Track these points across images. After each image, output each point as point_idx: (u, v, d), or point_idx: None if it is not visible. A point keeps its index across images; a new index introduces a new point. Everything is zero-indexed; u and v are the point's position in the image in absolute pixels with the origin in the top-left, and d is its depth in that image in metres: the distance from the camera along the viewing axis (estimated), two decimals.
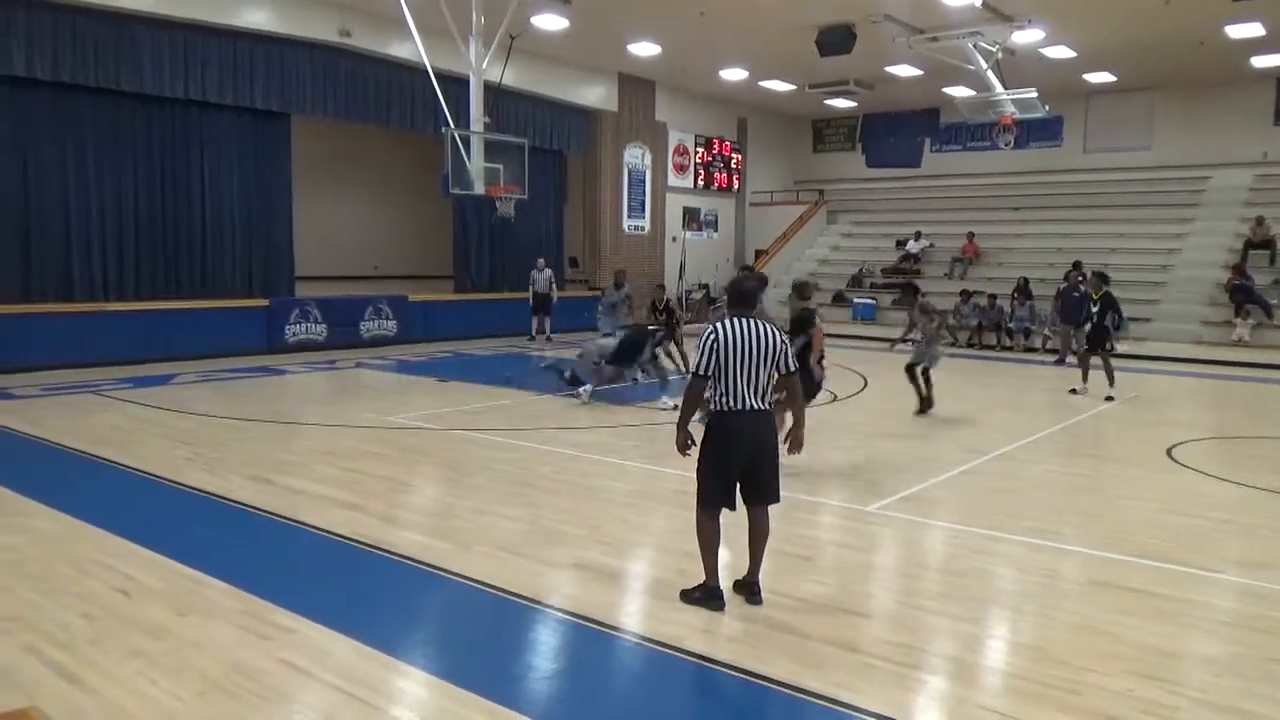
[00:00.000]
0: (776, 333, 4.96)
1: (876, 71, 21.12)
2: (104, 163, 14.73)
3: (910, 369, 11.13)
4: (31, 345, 13.28)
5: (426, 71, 15.43)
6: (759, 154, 27.71)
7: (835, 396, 12.41)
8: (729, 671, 4.22)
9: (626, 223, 23.42)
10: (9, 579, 5.21)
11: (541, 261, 19.79)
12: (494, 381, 13.34)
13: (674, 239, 24.78)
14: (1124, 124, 23.48)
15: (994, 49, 17.35)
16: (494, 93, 15.90)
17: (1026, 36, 17.44)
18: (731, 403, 4.85)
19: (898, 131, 27.12)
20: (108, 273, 14.97)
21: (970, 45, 17.10)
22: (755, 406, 4.87)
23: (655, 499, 7.36)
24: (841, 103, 25.45)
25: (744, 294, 5.08)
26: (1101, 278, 13.56)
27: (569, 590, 5.26)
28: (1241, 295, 18.01)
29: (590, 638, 4.66)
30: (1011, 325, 19.28)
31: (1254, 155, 21.93)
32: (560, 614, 4.91)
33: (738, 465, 4.90)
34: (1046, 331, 18.48)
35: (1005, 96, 18.38)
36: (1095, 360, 12.71)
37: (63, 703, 3.79)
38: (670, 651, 4.43)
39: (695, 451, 4.97)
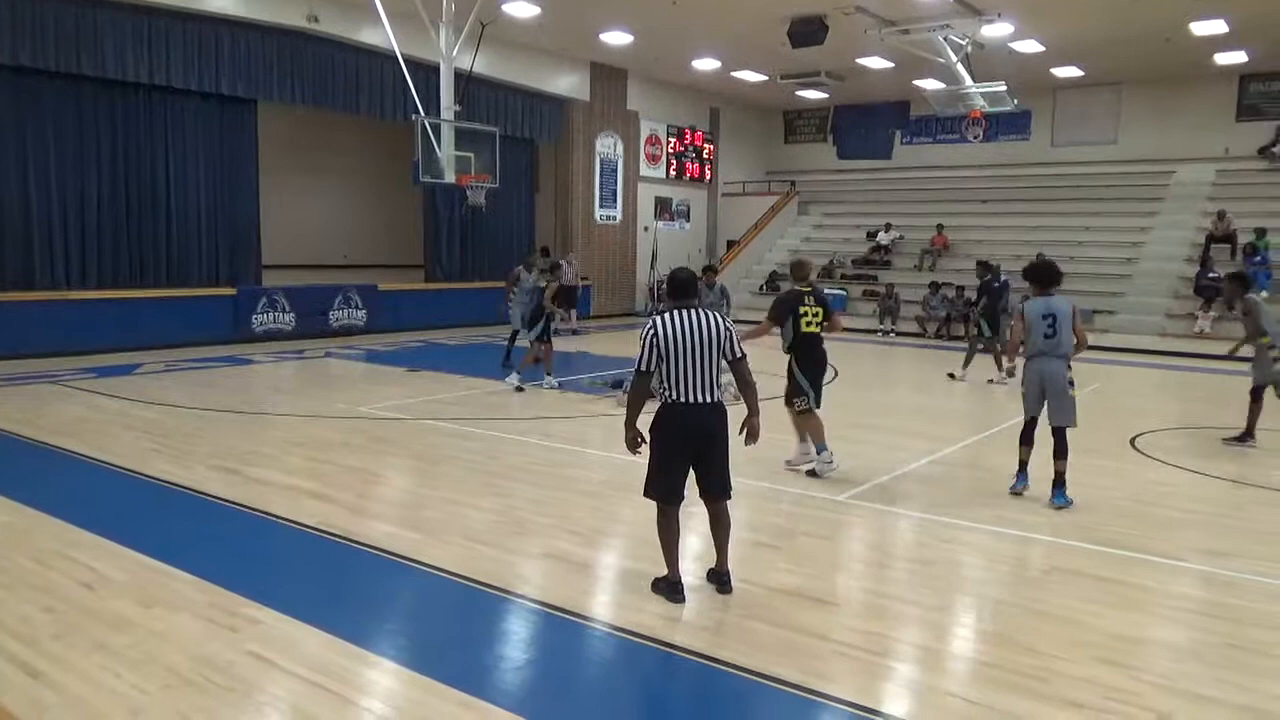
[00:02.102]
0: (719, 320, 4.88)
1: (848, 63, 21.20)
2: (65, 148, 14.42)
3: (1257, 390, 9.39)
4: None
5: (396, 58, 15.27)
6: (731, 144, 27.72)
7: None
8: (700, 660, 4.23)
9: (598, 212, 23.35)
10: None
11: (571, 256, 20.05)
12: (464, 372, 13.26)
13: (646, 229, 24.76)
14: (1091, 118, 23.75)
15: (964, 42, 17.47)
16: (465, 80, 15.77)
17: (996, 30, 17.57)
18: (679, 395, 4.78)
19: (868, 123, 27.26)
20: (69, 260, 14.68)
21: (940, 38, 17.20)
22: (704, 399, 4.80)
23: (625, 488, 7.35)
24: (813, 94, 25.51)
25: (681, 284, 4.98)
26: (985, 266, 14.01)
27: (539, 580, 5.25)
28: (1209, 291, 18.27)
29: (561, 628, 4.65)
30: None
31: (1217, 150, 22.29)
32: (531, 604, 4.90)
33: (686, 458, 4.87)
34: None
35: (974, 90, 18.52)
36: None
37: (25, 697, 3.73)
38: (641, 641, 4.44)
39: (646, 449, 4.94)
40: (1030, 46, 19.23)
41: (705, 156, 26.56)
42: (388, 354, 15.34)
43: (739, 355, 4.98)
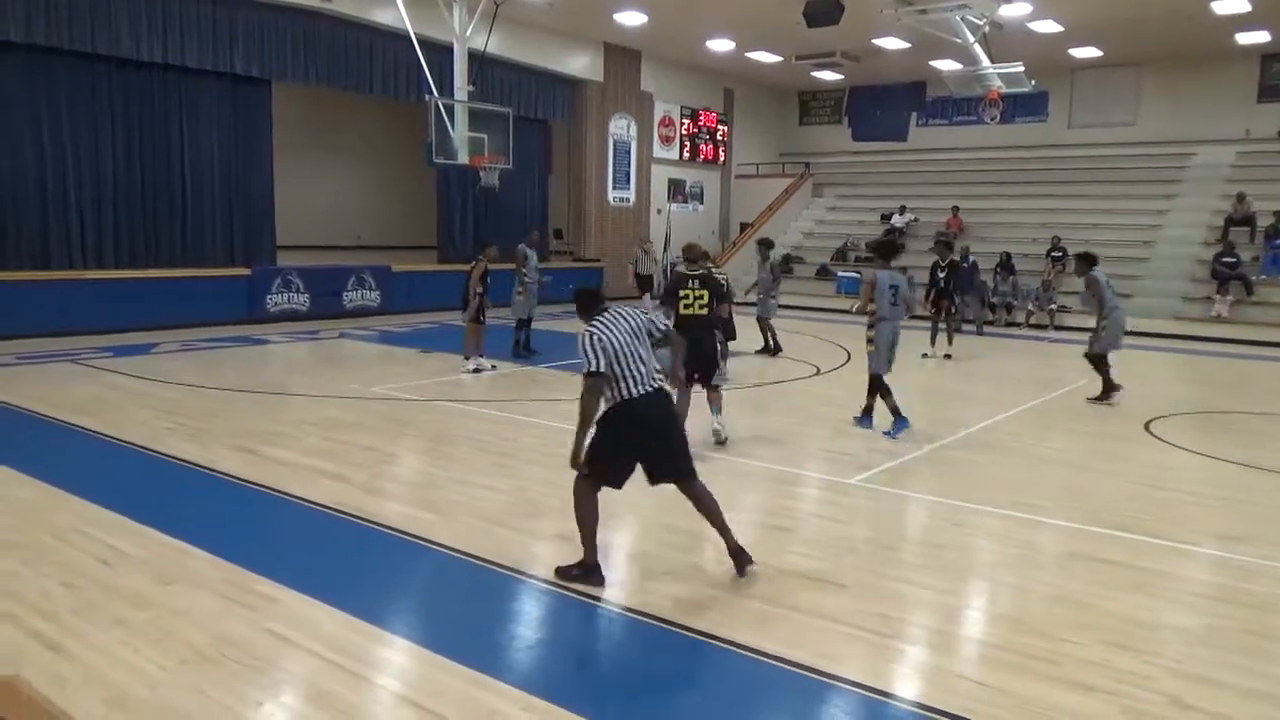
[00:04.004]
0: (634, 311, 5.00)
1: (864, 44, 21.03)
2: (80, 128, 14.47)
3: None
4: (8, 313, 13.10)
5: (410, 38, 15.24)
6: (745, 126, 27.57)
7: (818, 370, 12.47)
8: (710, 641, 4.26)
9: (611, 194, 23.30)
10: None
11: (648, 245, 19.90)
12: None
13: (659, 211, 24.68)
14: (1109, 99, 23.48)
15: (981, 22, 17.29)
16: (478, 61, 15.74)
17: (1014, 10, 17.39)
18: (631, 392, 4.79)
19: (884, 105, 27.03)
20: (85, 240, 14.77)
21: (958, 18, 17.03)
22: (649, 389, 4.85)
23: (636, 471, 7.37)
24: (828, 75, 25.34)
25: (593, 296, 5.08)
26: (947, 247, 14.31)
27: (552, 560, 5.27)
28: (1225, 272, 18.12)
29: (572, 608, 4.68)
30: (994, 300, 19.38)
31: (1237, 132, 22.00)
32: (542, 584, 4.93)
33: (637, 452, 4.90)
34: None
35: (992, 71, 18.35)
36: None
37: (46, 671, 3.78)
38: (651, 622, 4.46)
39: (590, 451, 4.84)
40: (1048, 27, 19.02)
41: (719, 138, 26.43)
42: (401, 335, 15.39)
43: (665, 331, 5.14)
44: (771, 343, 13.62)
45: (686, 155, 25.48)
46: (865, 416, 8.80)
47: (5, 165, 13.74)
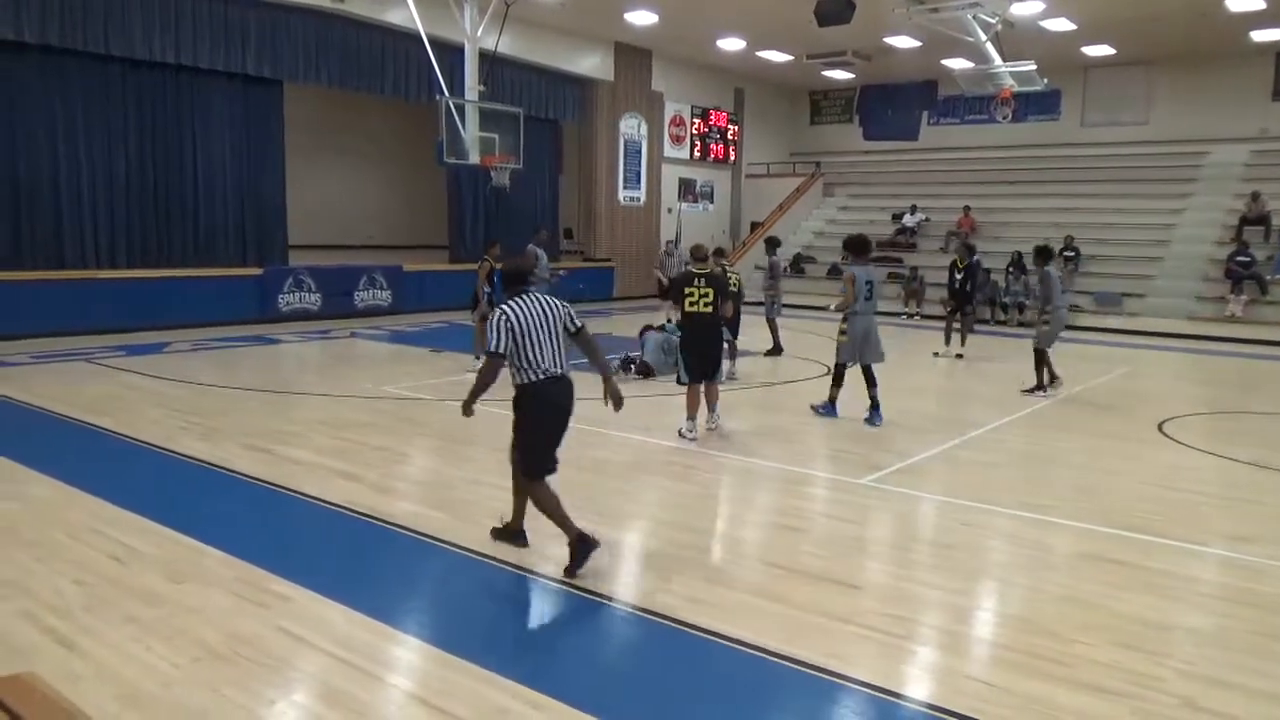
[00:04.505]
0: (554, 300, 5.17)
1: (875, 42, 20.96)
2: (94, 128, 14.57)
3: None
4: (22, 313, 13.21)
5: (421, 39, 15.27)
6: (756, 126, 27.53)
7: (828, 370, 12.44)
8: (720, 641, 4.26)
9: (622, 194, 23.31)
10: (4, 545, 5.22)
11: (680, 247, 18.87)
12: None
13: (670, 210, 24.68)
14: (1122, 98, 23.36)
15: (993, 21, 17.21)
16: (489, 61, 15.76)
17: (1026, 8, 17.31)
18: (539, 374, 4.99)
19: (895, 104, 26.95)
20: (99, 240, 14.87)
21: (969, 16, 16.94)
22: (560, 372, 5.06)
23: (648, 470, 7.40)
24: (839, 74, 25.28)
25: (518, 273, 5.31)
26: (968, 249, 14.26)
27: (563, 560, 5.28)
28: (1239, 271, 18.01)
29: (584, 607, 4.69)
30: (1006, 300, 19.32)
31: (1252, 130, 21.84)
32: (554, 584, 4.94)
33: (559, 430, 5.14)
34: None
35: (1004, 69, 18.25)
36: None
37: (59, 668, 3.81)
38: (662, 621, 4.47)
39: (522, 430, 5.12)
40: (1061, 25, 18.93)
41: (730, 138, 26.41)
42: (412, 334, 15.44)
43: (579, 326, 5.27)
44: (774, 342, 13.64)
45: (697, 154, 25.47)
46: (830, 405, 9.27)
47: (20, 166, 13.84)
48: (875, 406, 8.94)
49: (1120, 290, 19.21)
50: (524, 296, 5.09)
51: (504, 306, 5.03)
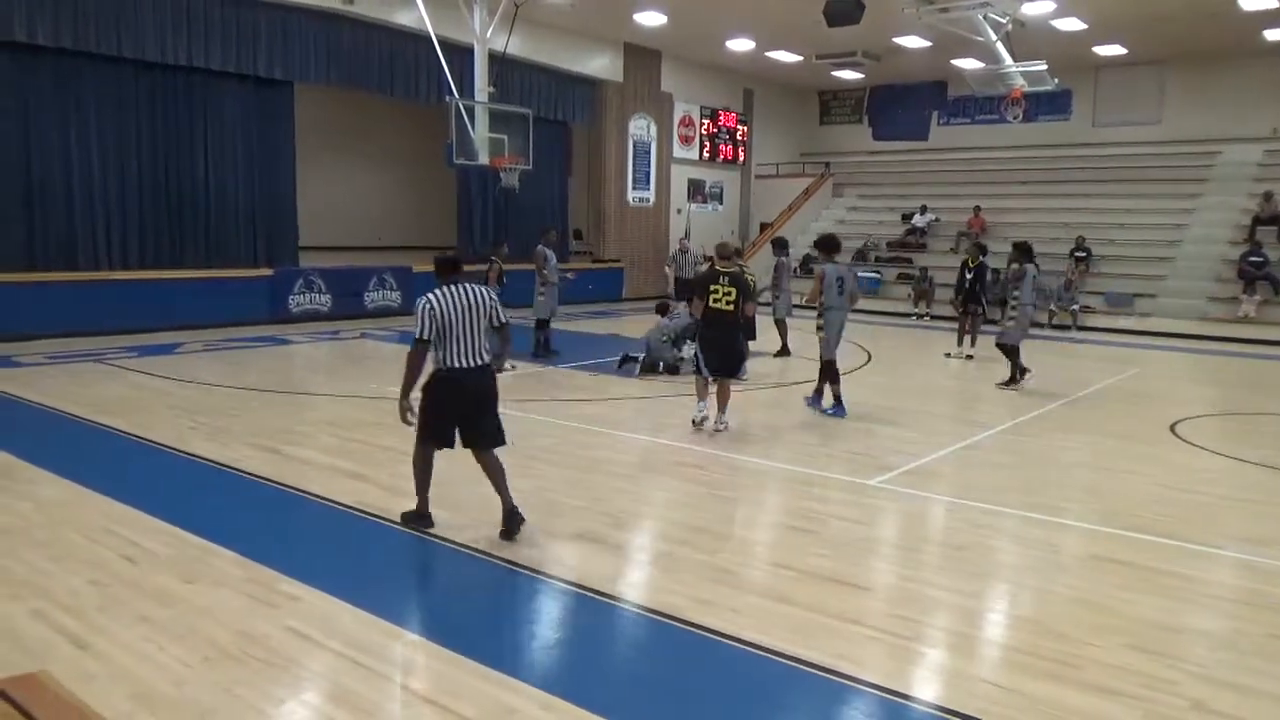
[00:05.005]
0: (483, 291, 5.49)
1: (884, 42, 20.92)
2: (107, 131, 14.65)
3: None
4: (36, 313, 13.29)
5: (430, 40, 15.32)
6: (765, 126, 27.50)
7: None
8: (730, 642, 4.26)
9: (631, 194, 23.31)
10: (18, 546, 5.25)
11: (696, 246, 18.84)
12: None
13: (679, 211, 24.67)
14: (1134, 98, 23.24)
15: (1004, 20, 17.15)
16: (498, 62, 15.79)
17: (1037, 8, 17.24)
18: (453, 362, 5.32)
19: (905, 104, 26.87)
20: (111, 241, 14.94)
21: (980, 16, 16.89)
22: (474, 364, 5.36)
23: (654, 470, 7.40)
24: (848, 74, 25.22)
25: (450, 264, 5.56)
26: (979, 248, 14.22)
27: (570, 560, 5.29)
28: (1252, 272, 17.92)
29: (591, 608, 4.69)
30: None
31: (1265, 130, 21.71)
32: (561, 584, 4.94)
33: (455, 416, 5.44)
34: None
35: (1014, 69, 18.18)
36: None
37: (72, 667, 3.84)
38: (671, 622, 4.47)
39: (416, 420, 5.49)
40: (1072, 24, 18.85)
41: (739, 138, 26.38)
42: None
43: (503, 321, 5.63)
44: (783, 344, 13.60)
45: (706, 155, 25.45)
46: (816, 396, 9.57)
47: (34, 167, 13.91)
48: (834, 398, 9.44)
49: (1132, 291, 19.13)
50: (453, 287, 5.36)
51: (430, 295, 5.30)
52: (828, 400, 9.46)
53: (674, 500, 6.63)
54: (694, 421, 8.53)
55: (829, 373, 9.40)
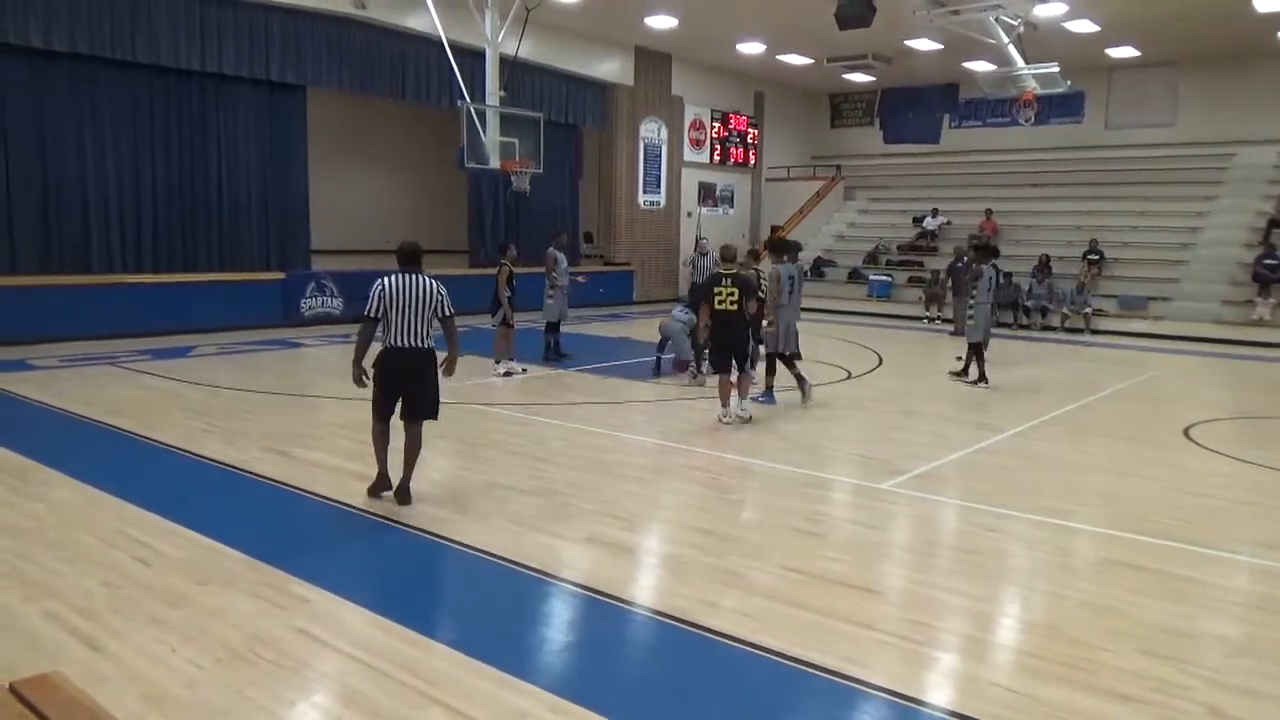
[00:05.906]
0: (435, 284, 6.09)
1: (895, 45, 20.87)
2: (121, 135, 14.75)
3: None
4: (50, 316, 13.37)
5: (442, 44, 15.37)
6: (776, 129, 27.47)
7: (849, 374, 12.40)
8: (740, 646, 4.25)
9: (642, 198, 23.32)
10: (31, 547, 5.29)
11: (705, 241, 18.45)
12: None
13: (689, 214, 24.67)
14: (1147, 100, 23.11)
15: (1016, 22, 17.11)
16: (509, 66, 15.81)
17: (1049, 10, 17.18)
18: (395, 341, 6.00)
19: (916, 107, 26.78)
20: (125, 245, 15.03)
21: (991, 19, 16.85)
22: (414, 345, 6.01)
23: (665, 473, 7.40)
24: (860, 77, 25.18)
25: (409, 254, 6.19)
26: (988, 251, 14.10)
27: (581, 564, 5.29)
28: (1266, 274, 17.80)
29: (601, 610, 4.69)
30: (1029, 303, 19.18)
31: (1279, 132, 21.57)
32: (572, 587, 4.94)
33: (396, 389, 6.10)
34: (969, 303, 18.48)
35: (1026, 71, 18.13)
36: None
37: (85, 668, 3.85)
38: (681, 625, 4.46)
39: (371, 383, 6.14)
40: (1084, 26, 18.77)
41: (750, 141, 26.37)
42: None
43: (448, 314, 6.19)
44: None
45: (717, 158, 25.44)
46: (768, 393, 10.06)
47: (50, 172, 14.01)
48: (800, 380, 9.99)
49: (1145, 294, 19.02)
50: (406, 275, 6.00)
51: (384, 279, 5.95)
52: (758, 389, 9.89)
53: (684, 503, 6.63)
54: (719, 419, 8.99)
55: (770, 363, 10.05)
